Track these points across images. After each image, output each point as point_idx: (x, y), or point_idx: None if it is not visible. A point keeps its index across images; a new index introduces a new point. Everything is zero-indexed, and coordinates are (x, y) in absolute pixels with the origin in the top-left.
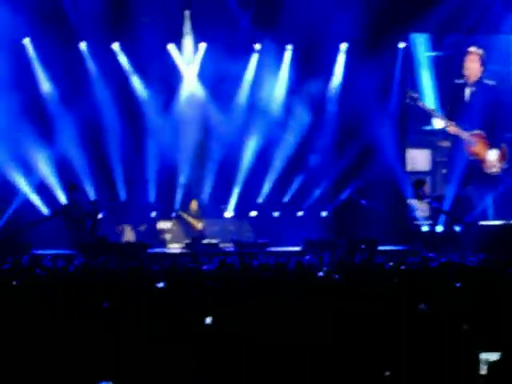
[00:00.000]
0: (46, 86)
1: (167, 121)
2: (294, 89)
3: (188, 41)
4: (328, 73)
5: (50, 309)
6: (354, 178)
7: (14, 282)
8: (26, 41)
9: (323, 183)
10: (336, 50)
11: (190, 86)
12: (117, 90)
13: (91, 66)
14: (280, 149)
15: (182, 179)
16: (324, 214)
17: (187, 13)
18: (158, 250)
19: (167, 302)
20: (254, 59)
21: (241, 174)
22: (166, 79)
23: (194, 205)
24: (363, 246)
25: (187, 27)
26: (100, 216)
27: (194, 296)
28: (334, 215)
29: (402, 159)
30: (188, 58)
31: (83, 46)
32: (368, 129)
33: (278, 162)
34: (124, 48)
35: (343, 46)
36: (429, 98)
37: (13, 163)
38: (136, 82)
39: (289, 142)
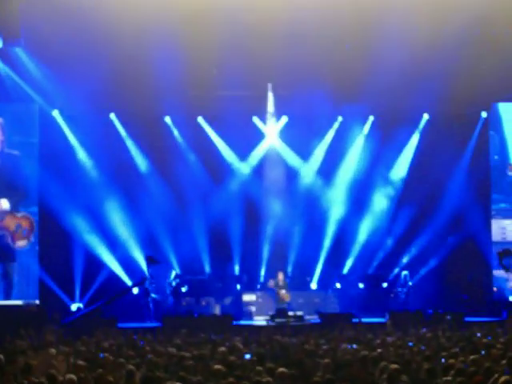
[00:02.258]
0: (134, 158)
1: (254, 190)
2: (374, 161)
3: (271, 113)
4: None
5: None
6: (439, 248)
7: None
8: (112, 116)
9: (408, 253)
10: (417, 121)
11: (274, 158)
12: (203, 161)
13: (178, 138)
14: (362, 220)
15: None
16: (410, 283)
17: (270, 85)
18: (243, 322)
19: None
20: (333, 131)
21: (325, 245)
22: (250, 150)
23: (280, 277)
24: (449, 318)
25: (270, 100)
26: (184, 289)
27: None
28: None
29: (487, 229)
30: (271, 130)
31: (168, 119)
32: (452, 199)
33: (362, 235)
34: (208, 121)
35: (426, 116)
36: None
37: (99, 237)
38: (224, 152)
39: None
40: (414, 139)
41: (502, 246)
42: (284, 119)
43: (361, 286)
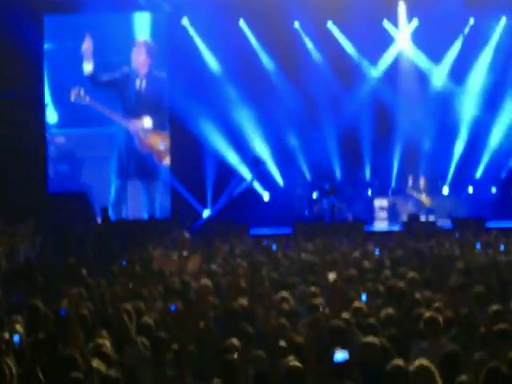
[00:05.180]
0: (264, 64)
1: (385, 93)
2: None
3: (402, 16)
4: None
5: None
6: None
7: None
8: (242, 22)
9: None
10: None
11: (405, 61)
12: (333, 66)
13: (307, 42)
14: (497, 126)
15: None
16: None
17: None
18: (375, 227)
19: None
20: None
21: (457, 149)
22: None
23: (422, 182)
24: None
25: (401, 3)
26: (315, 196)
27: None
28: None
29: None
30: (402, 33)
31: (297, 24)
32: None
33: (494, 139)
34: (338, 25)
35: None
36: None
37: (230, 144)
38: (354, 56)
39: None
40: None
41: None
42: (415, 22)
43: (493, 190)
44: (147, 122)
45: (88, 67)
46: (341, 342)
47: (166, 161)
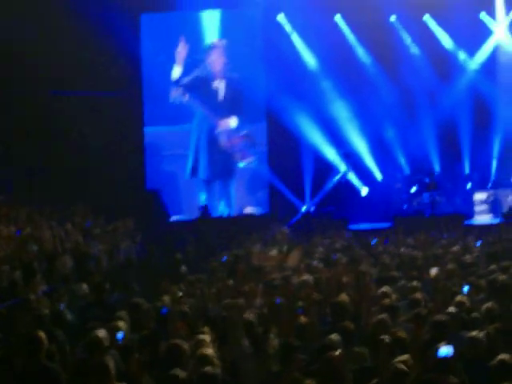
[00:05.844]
0: (361, 58)
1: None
2: None
3: (500, 8)
4: None
5: None
6: None
7: None
8: (337, 17)
9: None
10: None
11: (504, 54)
12: (430, 58)
13: (403, 36)
14: None
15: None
16: None
17: None
18: (475, 221)
19: None
20: None
21: None
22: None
23: None
24: None
25: None
26: (413, 190)
27: None
28: None
29: None
30: (500, 25)
31: (393, 18)
32: None
33: None
34: (435, 18)
35: None
36: None
37: (327, 138)
38: (451, 49)
39: None
40: None
41: None
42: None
43: None
44: (233, 121)
45: (177, 72)
46: (445, 336)
47: (249, 160)
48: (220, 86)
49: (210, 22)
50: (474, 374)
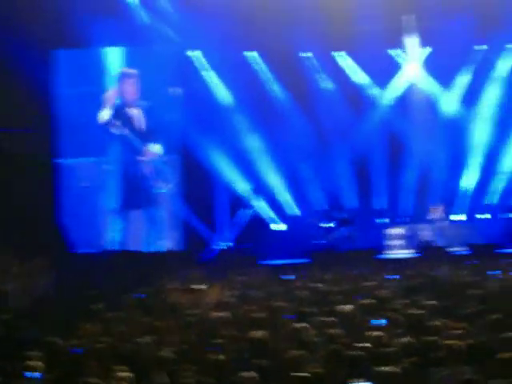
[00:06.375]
0: (274, 95)
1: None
2: None
3: (411, 44)
4: None
5: None
6: None
7: None
8: (252, 54)
9: None
10: None
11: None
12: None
13: (314, 72)
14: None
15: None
16: None
17: (410, 17)
18: (389, 255)
19: None
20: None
21: (471, 175)
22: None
23: (438, 209)
24: None
25: (410, 31)
26: (330, 225)
27: None
28: None
29: None
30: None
31: (304, 54)
32: None
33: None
34: (347, 54)
35: None
36: None
37: (242, 175)
38: (363, 84)
39: None
40: None
41: None
42: (424, 50)
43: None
44: (158, 148)
45: (105, 115)
46: (361, 372)
47: (168, 187)
48: (138, 114)
49: (119, 58)
50: None
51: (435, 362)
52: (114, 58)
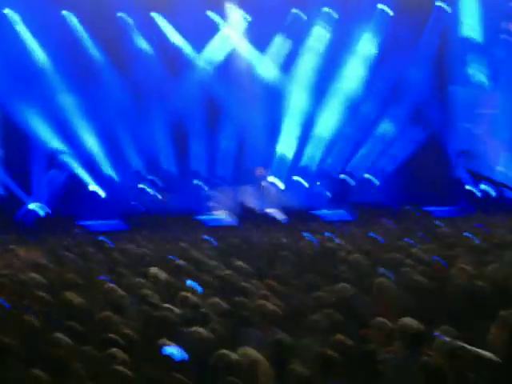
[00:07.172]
0: (90, 55)
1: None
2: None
3: (231, 10)
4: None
5: None
6: None
7: None
8: (65, 13)
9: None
10: None
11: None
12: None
13: (132, 33)
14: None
15: None
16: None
17: None
18: (206, 217)
19: None
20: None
21: (287, 139)
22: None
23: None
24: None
25: None
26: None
27: None
28: None
29: None
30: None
31: (121, 15)
32: None
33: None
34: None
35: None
36: None
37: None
38: (180, 46)
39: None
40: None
41: None
42: (242, 13)
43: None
44: None
45: None
46: (171, 333)
47: None
48: None
49: None
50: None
51: (246, 323)
52: None
